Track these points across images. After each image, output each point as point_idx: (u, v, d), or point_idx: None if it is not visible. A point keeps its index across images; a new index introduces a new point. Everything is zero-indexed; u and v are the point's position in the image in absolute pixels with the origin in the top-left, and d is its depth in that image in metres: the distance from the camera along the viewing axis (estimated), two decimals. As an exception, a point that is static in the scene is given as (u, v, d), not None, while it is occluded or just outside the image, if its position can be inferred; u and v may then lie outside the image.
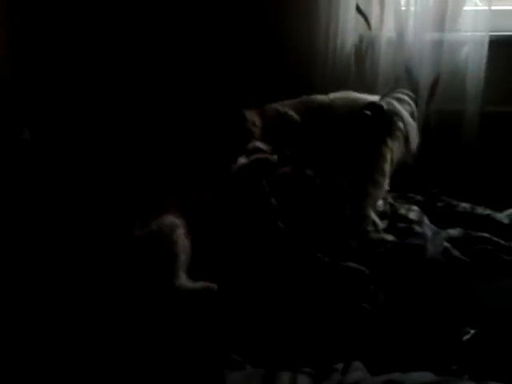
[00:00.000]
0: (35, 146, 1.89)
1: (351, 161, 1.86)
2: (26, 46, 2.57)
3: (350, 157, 1.87)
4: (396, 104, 1.89)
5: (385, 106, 1.85)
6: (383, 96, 1.93)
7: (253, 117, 2.04)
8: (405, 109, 1.89)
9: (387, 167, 1.91)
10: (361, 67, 2.54)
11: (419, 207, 2.02)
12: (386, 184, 1.93)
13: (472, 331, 1.32)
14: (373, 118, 1.86)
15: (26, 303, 1.41)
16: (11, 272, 1.49)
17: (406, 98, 1.94)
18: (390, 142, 1.87)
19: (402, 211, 1.96)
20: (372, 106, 1.87)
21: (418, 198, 2.15)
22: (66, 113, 2.35)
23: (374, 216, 1.85)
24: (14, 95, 2.11)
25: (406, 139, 1.87)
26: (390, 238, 1.79)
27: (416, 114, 1.98)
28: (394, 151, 1.89)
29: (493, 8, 2.40)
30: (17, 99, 2.09)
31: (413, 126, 1.88)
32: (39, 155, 1.85)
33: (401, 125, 1.85)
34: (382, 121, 1.86)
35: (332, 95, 2.07)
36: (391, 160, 1.91)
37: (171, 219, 1.56)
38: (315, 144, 1.91)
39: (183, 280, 1.49)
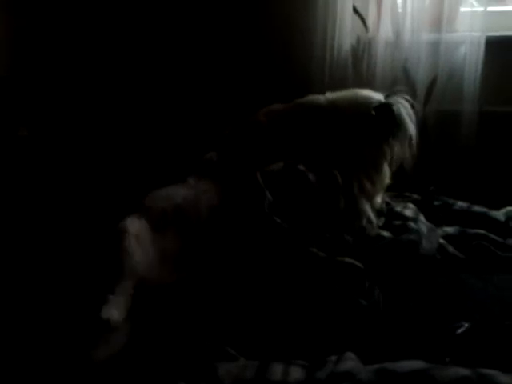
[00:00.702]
0: (33, 143, 1.90)
1: (351, 157, 1.88)
2: (24, 45, 2.59)
3: (350, 153, 1.88)
4: (402, 108, 1.90)
5: (395, 109, 1.86)
6: (387, 96, 1.94)
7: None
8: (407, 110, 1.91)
9: (386, 167, 1.92)
10: (358, 68, 2.55)
11: (416, 205, 2.02)
12: (383, 181, 1.94)
13: (466, 324, 1.32)
14: (379, 118, 1.87)
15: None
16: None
17: (406, 103, 1.95)
18: (392, 143, 1.88)
19: (398, 209, 1.96)
20: (381, 106, 1.89)
21: (415, 196, 2.16)
22: (64, 110, 2.37)
23: (369, 212, 1.86)
24: (13, 93, 2.12)
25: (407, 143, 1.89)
26: (385, 234, 1.79)
27: (414, 119, 1.97)
28: (395, 152, 1.90)
29: (489, 9, 2.42)
30: (15, 97, 2.11)
31: (413, 131, 1.89)
32: (36, 152, 1.86)
33: (405, 128, 1.87)
34: (389, 121, 1.87)
35: (331, 95, 2.07)
36: (391, 160, 1.92)
37: (122, 225, 1.46)
38: (311, 142, 1.92)
39: (113, 311, 1.31)
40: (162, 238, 1.52)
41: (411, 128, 1.89)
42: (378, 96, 1.95)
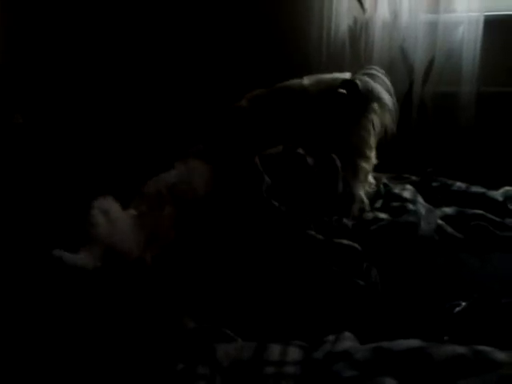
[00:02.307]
0: (27, 130, 1.89)
1: (337, 139, 1.88)
2: (19, 33, 2.58)
3: (334, 135, 1.88)
4: (369, 80, 1.91)
5: (359, 83, 1.87)
6: (355, 74, 1.95)
7: None
8: (379, 83, 1.92)
9: (372, 140, 1.93)
10: (356, 49, 2.55)
11: (414, 187, 2.02)
12: (373, 157, 1.95)
13: (463, 303, 1.32)
14: (348, 96, 1.89)
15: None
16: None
17: (378, 74, 1.96)
18: (369, 116, 1.89)
19: (396, 190, 1.95)
20: (346, 83, 1.90)
21: (413, 178, 2.15)
22: (58, 98, 2.36)
23: (362, 194, 1.86)
24: (8, 81, 2.11)
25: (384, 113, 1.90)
26: (383, 216, 1.79)
27: (390, 88, 1.98)
28: (374, 124, 1.91)
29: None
30: (10, 85, 2.10)
31: (388, 100, 1.90)
32: (31, 139, 1.85)
33: (377, 99, 1.87)
34: (358, 97, 1.88)
35: (306, 79, 2.07)
36: (374, 133, 1.93)
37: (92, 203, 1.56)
38: (297, 127, 1.94)
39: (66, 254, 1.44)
40: (157, 216, 1.55)
41: (383, 94, 1.90)
42: (344, 76, 1.98)
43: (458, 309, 1.32)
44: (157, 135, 2.11)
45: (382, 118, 1.91)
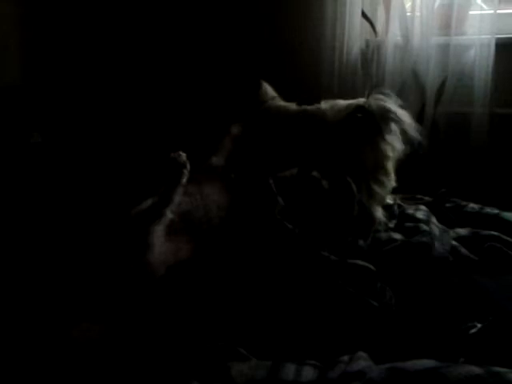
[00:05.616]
0: (45, 149, 1.92)
1: (353, 163, 1.88)
2: (36, 54, 2.63)
3: (349, 160, 1.88)
4: (383, 100, 1.91)
5: (373, 106, 1.87)
6: (367, 97, 1.95)
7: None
8: (393, 103, 1.90)
9: (389, 164, 1.92)
10: (368, 71, 2.57)
11: (428, 207, 2.02)
12: (390, 181, 1.94)
13: (479, 325, 1.31)
14: (364, 119, 1.88)
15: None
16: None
17: (390, 93, 1.96)
18: (388, 139, 1.88)
19: (410, 211, 1.96)
20: (362, 107, 1.90)
21: (427, 199, 2.15)
22: (76, 117, 2.39)
23: (381, 216, 1.86)
24: (26, 101, 2.15)
25: (405, 131, 1.88)
26: (397, 236, 1.79)
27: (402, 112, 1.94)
28: (394, 146, 1.90)
29: (498, 11, 2.42)
30: (28, 105, 2.14)
31: (405, 116, 1.88)
32: (49, 158, 1.88)
33: (394, 119, 1.86)
34: (374, 120, 1.87)
35: (322, 103, 2.07)
36: (393, 155, 1.92)
37: None
38: (314, 150, 1.94)
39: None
40: (174, 241, 1.55)
41: (400, 112, 1.88)
42: (359, 102, 1.96)
43: (473, 330, 1.31)
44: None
45: (402, 136, 1.90)
